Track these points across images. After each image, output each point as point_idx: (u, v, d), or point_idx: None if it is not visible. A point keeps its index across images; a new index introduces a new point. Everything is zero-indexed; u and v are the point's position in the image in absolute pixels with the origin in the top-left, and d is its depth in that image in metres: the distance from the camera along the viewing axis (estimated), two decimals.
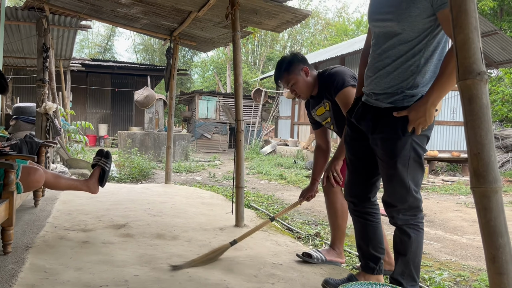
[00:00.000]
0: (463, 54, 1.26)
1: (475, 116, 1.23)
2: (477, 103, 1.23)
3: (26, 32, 7.31)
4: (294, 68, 2.60)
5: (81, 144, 8.56)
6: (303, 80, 2.60)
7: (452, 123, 10.87)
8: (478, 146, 1.23)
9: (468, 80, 1.25)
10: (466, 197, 6.81)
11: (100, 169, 3.13)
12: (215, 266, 2.59)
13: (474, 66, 1.24)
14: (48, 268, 2.40)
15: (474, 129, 1.23)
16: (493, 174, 1.23)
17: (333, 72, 2.59)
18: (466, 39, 1.25)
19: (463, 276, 2.98)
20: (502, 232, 1.22)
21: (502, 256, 1.22)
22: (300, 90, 2.64)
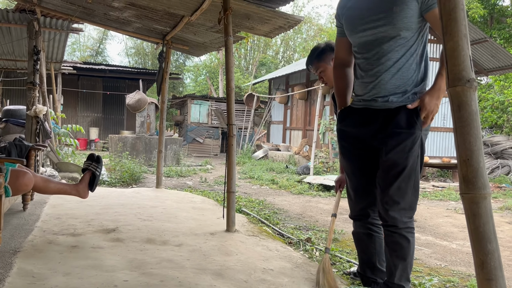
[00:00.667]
0: (453, 62, 1.27)
1: (464, 122, 1.24)
2: (467, 109, 1.24)
3: (17, 35, 7.26)
4: (325, 56, 2.74)
5: (72, 148, 8.49)
6: (332, 69, 2.70)
7: (442, 129, 10.96)
8: (467, 152, 1.24)
9: (457, 87, 1.26)
10: (456, 203, 6.86)
11: (90, 174, 3.09)
12: (205, 271, 2.58)
13: (463, 73, 1.25)
14: (36, 273, 2.37)
15: (463, 136, 1.24)
16: (482, 180, 1.24)
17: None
18: (455, 47, 1.26)
19: (453, 282, 2.99)
20: (491, 238, 1.23)
21: (491, 262, 1.23)
22: (327, 78, 2.78)
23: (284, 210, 5.57)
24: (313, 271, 2.80)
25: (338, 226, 4.68)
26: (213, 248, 3.12)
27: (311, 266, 2.96)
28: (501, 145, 10.89)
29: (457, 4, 1.27)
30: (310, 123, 12.71)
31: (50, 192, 3.03)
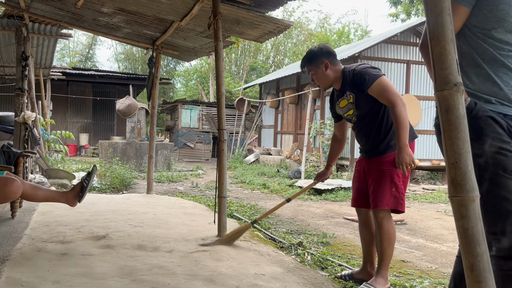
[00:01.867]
0: (440, 66, 1.28)
1: (452, 126, 1.25)
2: (454, 113, 1.25)
3: (5, 40, 7.19)
4: (315, 60, 2.85)
5: (61, 154, 8.41)
6: (322, 72, 2.84)
7: (432, 132, 11.05)
8: (455, 155, 1.25)
9: (445, 91, 1.27)
10: (446, 205, 6.91)
11: (81, 185, 3.07)
12: (196, 277, 2.56)
13: (450, 77, 1.26)
14: (25, 282, 2.33)
15: (451, 139, 1.25)
16: (470, 183, 1.25)
17: (360, 69, 2.76)
18: (442, 51, 1.27)
19: (444, 284, 3.01)
20: (480, 241, 1.24)
21: (480, 264, 1.23)
22: (317, 80, 2.90)
23: (275, 215, 5.56)
24: (305, 275, 2.80)
25: (330, 230, 4.69)
26: (204, 253, 3.11)
27: (303, 270, 2.96)
28: None
29: (443, 8, 1.28)
30: (301, 127, 12.74)
31: (39, 200, 2.99)
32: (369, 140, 2.82)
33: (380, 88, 2.65)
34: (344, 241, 4.23)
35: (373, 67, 2.77)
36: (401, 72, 10.78)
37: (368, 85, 2.66)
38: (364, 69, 2.75)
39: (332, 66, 2.83)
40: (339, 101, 2.90)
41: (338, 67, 2.85)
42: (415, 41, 10.91)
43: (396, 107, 2.56)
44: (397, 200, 2.69)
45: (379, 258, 2.74)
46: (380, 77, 2.66)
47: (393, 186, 2.67)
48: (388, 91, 2.61)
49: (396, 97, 2.59)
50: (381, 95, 2.65)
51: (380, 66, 10.55)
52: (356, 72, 2.75)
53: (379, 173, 2.68)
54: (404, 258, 3.70)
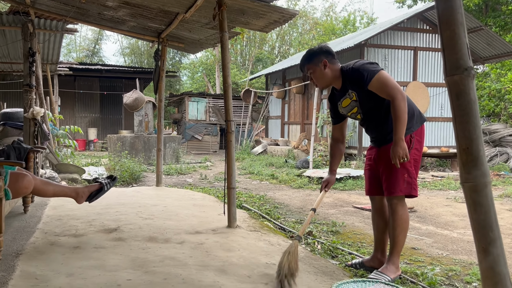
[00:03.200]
0: (450, 50, 1.27)
1: (463, 111, 1.24)
2: (465, 98, 1.24)
3: (11, 37, 7.22)
4: (314, 59, 2.81)
5: (71, 149, 8.48)
6: (320, 71, 2.80)
7: (440, 119, 10.97)
8: (466, 141, 1.24)
9: (455, 76, 1.26)
10: (456, 192, 6.87)
11: (98, 186, 3.09)
12: (208, 268, 2.58)
13: (461, 62, 1.25)
14: (39, 275, 2.37)
15: (462, 124, 1.24)
16: (482, 168, 1.24)
17: (357, 66, 2.74)
18: (452, 35, 1.26)
19: (455, 271, 3.01)
20: (493, 226, 1.24)
21: (493, 249, 1.23)
22: (316, 79, 2.86)
23: (284, 205, 5.58)
24: (315, 264, 2.81)
25: (339, 219, 4.69)
26: (215, 244, 3.12)
27: (314, 259, 2.97)
28: (499, 133, 10.91)
29: None
30: (308, 117, 12.70)
31: (49, 195, 3.02)
32: (378, 131, 2.84)
33: (379, 83, 2.65)
34: (354, 230, 4.23)
35: (370, 63, 2.76)
36: (408, 59, 10.68)
37: (367, 81, 2.66)
38: (362, 65, 2.74)
39: (331, 65, 2.80)
40: (342, 101, 2.88)
41: (336, 67, 2.83)
42: (422, 27, 10.78)
43: (396, 100, 2.57)
44: (410, 186, 2.70)
45: (391, 244, 2.74)
46: (379, 72, 2.65)
47: (405, 172, 2.68)
48: (387, 86, 2.61)
49: (395, 90, 2.59)
50: (381, 89, 2.65)
51: (387, 53, 10.45)
52: (355, 69, 2.74)
53: (390, 161, 2.67)
54: (414, 245, 3.70)
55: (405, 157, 2.53)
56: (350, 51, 10.49)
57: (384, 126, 2.77)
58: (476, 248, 1.29)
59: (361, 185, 7.22)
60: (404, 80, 10.60)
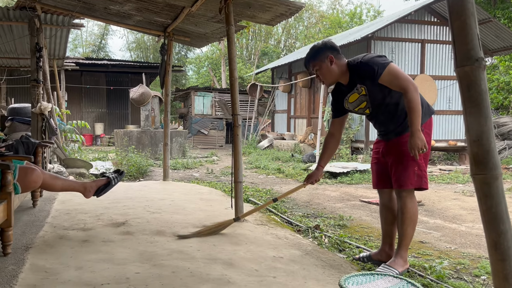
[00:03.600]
0: (461, 41, 1.25)
1: (474, 102, 1.22)
2: (476, 89, 1.22)
3: (18, 32, 7.25)
4: (320, 55, 2.77)
5: (78, 144, 8.53)
6: (327, 67, 2.76)
7: (448, 112, 10.89)
8: (477, 132, 1.22)
9: (466, 67, 1.24)
10: (463, 185, 6.83)
11: (106, 181, 3.11)
12: (215, 261, 2.59)
13: (472, 53, 1.23)
14: (49, 268, 2.39)
15: (473, 116, 1.23)
16: (493, 160, 1.22)
17: (366, 60, 2.71)
18: (463, 26, 1.24)
19: (463, 264, 2.99)
20: (504, 219, 1.22)
21: (504, 242, 1.22)
22: (322, 76, 2.82)
23: (291, 199, 5.58)
24: (323, 258, 2.81)
25: (346, 212, 4.69)
26: (223, 238, 3.13)
27: (321, 252, 2.97)
28: (508, 126, 10.82)
29: None
30: (314, 111, 12.66)
31: (58, 189, 3.04)
32: (387, 125, 2.81)
33: (391, 76, 2.62)
34: (361, 224, 4.22)
35: (379, 56, 2.73)
36: (415, 51, 10.59)
37: (378, 74, 2.63)
38: (371, 59, 2.70)
39: (337, 60, 2.77)
40: (349, 96, 2.84)
41: (342, 62, 2.79)
42: (430, 19, 10.68)
43: (408, 92, 2.54)
44: (421, 178, 2.69)
45: (400, 238, 2.73)
46: (389, 64, 2.63)
47: (415, 165, 2.66)
48: (399, 78, 2.59)
49: (407, 82, 2.57)
50: (392, 82, 2.62)
51: (394, 46, 10.37)
52: (364, 63, 2.70)
53: (400, 154, 2.65)
54: (422, 239, 3.68)
55: (424, 148, 2.50)
56: (357, 44, 10.42)
57: (393, 120, 2.75)
58: (487, 241, 1.28)
59: (368, 179, 7.20)
60: (411, 73, 10.52)
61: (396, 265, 2.67)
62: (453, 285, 2.53)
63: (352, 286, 1.87)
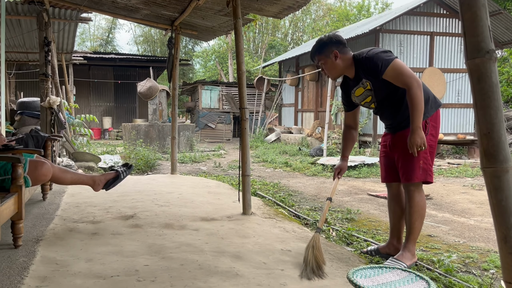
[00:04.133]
0: (471, 33, 1.24)
1: (484, 95, 1.21)
2: (487, 82, 1.21)
3: (27, 26, 7.29)
4: (325, 50, 2.77)
5: (86, 137, 8.59)
6: (331, 62, 2.77)
7: (457, 105, 10.80)
8: (488, 125, 1.21)
9: (476, 59, 1.23)
10: (472, 179, 6.79)
11: (114, 174, 3.14)
12: (223, 254, 2.60)
13: (482, 45, 1.22)
14: (59, 260, 2.42)
15: (483, 109, 1.22)
16: (503, 153, 1.21)
17: (371, 55, 2.69)
18: (474, 17, 1.22)
19: (472, 258, 2.98)
20: None
21: None
22: (327, 70, 2.84)
23: (299, 192, 5.58)
24: (331, 251, 2.81)
25: (354, 206, 4.68)
26: (231, 231, 3.15)
27: (329, 246, 2.97)
28: None
29: None
30: (321, 104, 12.62)
31: (67, 182, 3.07)
32: (393, 118, 2.80)
33: (395, 72, 2.61)
34: (369, 217, 4.22)
35: (384, 51, 2.71)
36: (424, 44, 10.50)
37: (382, 70, 2.62)
38: (376, 54, 2.68)
39: (342, 55, 2.76)
40: (355, 90, 2.84)
41: (348, 56, 2.78)
42: (439, 11, 10.57)
43: (412, 89, 2.54)
44: (426, 172, 2.67)
45: (408, 231, 2.73)
46: (393, 60, 2.61)
47: (421, 159, 2.65)
48: (403, 74, 2.58)
49: (411, 79, 2.55)
50: (396, 78, 2.61)
51: (402, 39, 10.28)
52: (369, 58, 2.69)
53: (406, 147, 2.64)
54: (430, 232, 3.67)
55: (423, 145, 2.51)
56: (364, 37, 10.35)
57: (399, 113, 2.74)
58: (496, 234, 1.27)
59: (375, 173, 7.18)
60: (420, 66, 10.44)
61: (404, 258, 2.67)
62: (461, 278, 2.52)
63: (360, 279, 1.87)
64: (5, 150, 2.78)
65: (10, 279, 2.11)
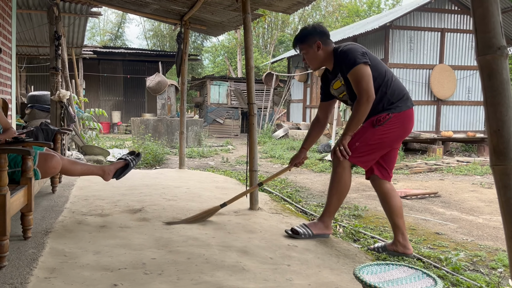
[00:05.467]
0: (482, 29, 1.22)
1: (495, 92, 1.20)
2: (497, 78, 1.20)
3: (37, 21, 7.34)
4: (308, 39, 2.79)
5: (95, 131, 8.64)
6: (313, 52, 2.79)
7: (467, 102, 10.70)
8: (498, 122, 1.20)
9: (487, 55, 1.21)
10: (482, 177, 6.73)
11: (124, 163, 3.15)
12: (230, 248, 2.61)
13: (493, 41, 1.20)
14: (68, 252, 2.44)
15: (494, 106, 1.20)
16: None
17: (345, 50, 2.71)
18: (485, 13, 1.21)
19: (480, 256, 2.96)
20: None
21: None
22: (308, 60, 2.86)
23: (306, 188, 5.58)
24: (338, 247, 2.81)
25: (361, 203, 4.67)
26: (238, 226, 3.16)
27: (336, 242, 2.97)
28: None
29: None
30: None
31: (77, 174, 3.09)
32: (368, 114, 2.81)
33: (354, 77, 2.63)
34: (377, 214, 4.20)
35: (360, 51, 2.69)
36: (435, 41, 10.40)
37: (348, 69, 2.65)
38: (348, 51, 2.69)
39: (324, 46, 2.77)
40: (333, 83, 2.87)
41: (329, 48, 2.80)
42: (450, 8, 10.46)
43: (360, 101, 2.59)
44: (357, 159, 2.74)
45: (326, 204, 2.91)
46: (359, 64, 2.61)
47: (358, 140, 2.72)
48: (359, 82, 2.60)
49: (364, 92, 2.58)
50: (354, 83, 2.64)
51: (412, 35, 10.19)
52: (342, 54, 2.71)
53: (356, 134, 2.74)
54: (438, 230, 3.66)
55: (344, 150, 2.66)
56: (374, 34, 10.27)
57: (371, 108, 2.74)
58: (505, 233, 1.26)
59: None
60: (430, 63, 10.35)
61: (313, 227, 2.88)
62: (469, 277, 2.51)
63: (366, 275, 1.87)
64: (16, 142, 2.81)
65: (20, 270, 2.14)
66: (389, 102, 2.69)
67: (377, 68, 2.71)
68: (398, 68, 10.01)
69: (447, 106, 10.47)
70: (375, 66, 2.70)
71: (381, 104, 2.70)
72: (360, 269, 1.91)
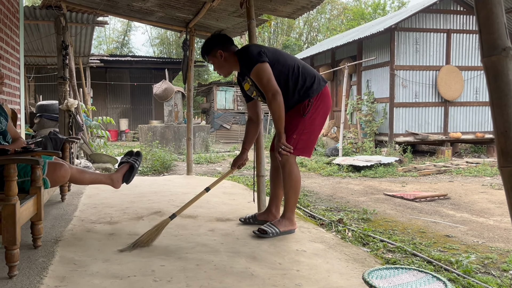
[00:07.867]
0: (487, 30, 1.22)
1: (501, 93, 1.19)
2: (503, 80, 1.19)
3: (45, 31, 7.43)
4: (211, 50, 2.90)
5: (104, 139, 8.70)
6: (218, 61, 2.89)
7: (475, 103, 10.62)
8: (505, 124, 1.19)
9: (493, 56, 1.21)
10: (491, 178, 6.67)
11: (128, 166, 3.16)
12: (239, 254, 2.61)
13: (498, 42, 1.20)
14: (77, 260, 2.46)
15: (500, 107, 1.19)
16: None
17: (243, 53, 2.81)
18: (489, 14, 1.20)
19: (491, 259, 2.93)
20: None
21: None
22: (217, 70, 2.98)
23: (314, 192, 5.56)
24: (346, 251, 2.80)
25: (370, 206, 4.64)
26: (246, 231, 3.15)
27: (344, 246, 2.95)
28: None
29: None
30: (337, 104, 12.55)
31: (85, 183, 3.11)
32: None
33: (255, 77, 2.71)
34: (385, 217, 4.18)
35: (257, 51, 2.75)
36: (441, 42, 10.35)
37: (248, 71, 2.71)
38: (245, 52, 2.78)
39: (227, 53, 2.84)
40: (243, 84, 2.95)
41: (232, 53, 2.86)
42: (455, 8, 10.42)
43: (268, 100, 2.70)
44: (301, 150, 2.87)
45: (285, 201, 2.97)
46: (256, 64, 2.67)
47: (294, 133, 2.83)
48: (261, 81, 2.68)
49: (267, 89, 2.67)
50: (257, 83, 2.72)
51: (418, 37, 10.16)
52: (242, 55, 2.79)
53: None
54: (448, 233, 3.62)
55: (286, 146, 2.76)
56: (379, 36, 10.25)
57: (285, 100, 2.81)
58: None
59: (392, 172, 7.11)
60: (436, 64, 10.30)
61: (279, 224, 2.94)
62: (480, 279, 2.48)
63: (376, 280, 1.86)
64: (25, 152, 2.84)
65: (30, 279, 2.15)
66: (304, 89, 2.79)
67: (280, 62, 2.80)
68: (405, 70, 9.97)
69: (455, 107, 10.40)
70: (277, 61, 2.78)
71: (297, 93, 2.80)
72: (369, 273, 1.90)
